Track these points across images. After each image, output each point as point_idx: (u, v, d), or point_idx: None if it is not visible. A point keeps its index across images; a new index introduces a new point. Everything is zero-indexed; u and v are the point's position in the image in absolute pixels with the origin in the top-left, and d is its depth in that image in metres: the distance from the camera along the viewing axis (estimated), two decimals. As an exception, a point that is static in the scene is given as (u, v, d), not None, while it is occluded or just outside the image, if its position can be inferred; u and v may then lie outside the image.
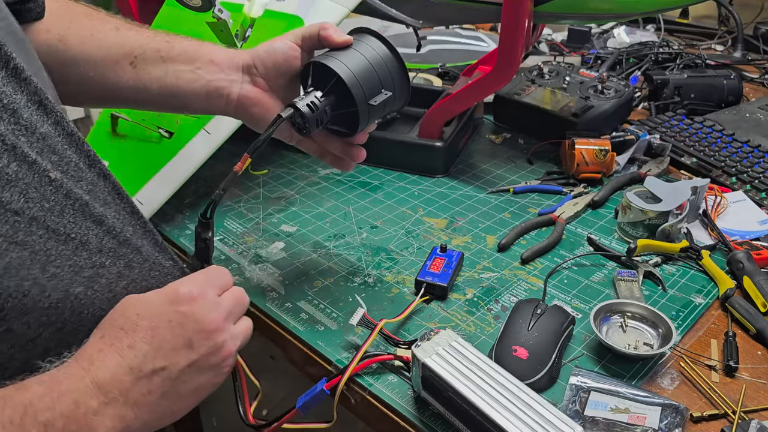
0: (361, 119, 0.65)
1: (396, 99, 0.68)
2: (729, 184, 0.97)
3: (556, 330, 0.66)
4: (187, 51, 0.66)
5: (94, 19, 0.67)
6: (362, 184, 1.00)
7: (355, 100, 0.63)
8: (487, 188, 0.99)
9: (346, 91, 0.63)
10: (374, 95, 0.65)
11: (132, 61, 0.66)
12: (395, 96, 0.67)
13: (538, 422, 0.51)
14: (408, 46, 1.51)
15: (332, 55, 0.64)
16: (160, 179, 0.87)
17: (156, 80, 0.66)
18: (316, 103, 0.63)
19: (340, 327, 0.71)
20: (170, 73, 0.66)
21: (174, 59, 0.66)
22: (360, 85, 0.64)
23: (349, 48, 0.65)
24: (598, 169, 0.98)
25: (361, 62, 0.64)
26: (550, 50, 1.55)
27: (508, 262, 0.82)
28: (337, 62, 0.63)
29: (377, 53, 0.66)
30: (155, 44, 0.66)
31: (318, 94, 0.64)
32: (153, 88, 0.66)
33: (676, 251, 0.81)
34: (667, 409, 0.59)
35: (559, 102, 1.12)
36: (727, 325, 0.71)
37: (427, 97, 1.14)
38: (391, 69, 0.66)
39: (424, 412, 0.61)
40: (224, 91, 0.66)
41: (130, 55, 0.65)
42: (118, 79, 0.66)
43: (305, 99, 0.63)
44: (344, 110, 0.65)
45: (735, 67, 1.40)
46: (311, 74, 0.65)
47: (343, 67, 0.63)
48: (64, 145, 0.49)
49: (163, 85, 0.66)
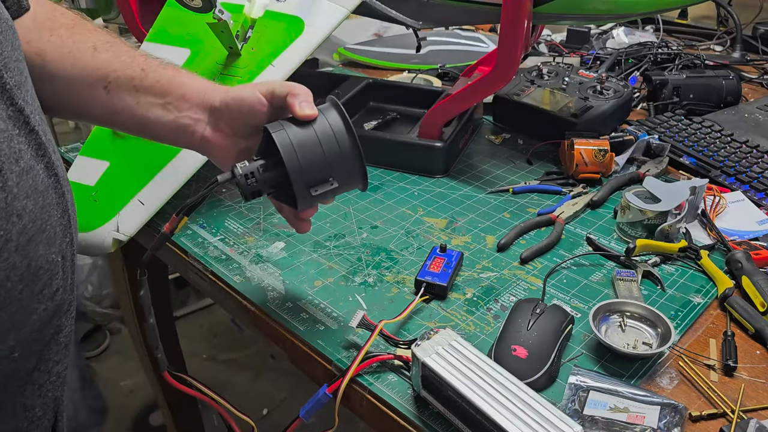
0: (299, 203, 0.63)
1: (343, 187, 0.64)
2: (728, 184, 0.97)
3: (556, 329, 0.66)
4: (161, 82, 0.66)
5: (75, 34, 0.66)
6: (362, 185, 1.00)
7: (293, 186, 0.61)
8: (486, 188, 0.99)
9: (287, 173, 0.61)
10: (318, 183, 0.62)
11: (106, 86, 0.65)
12: (342, 185, 0.63)
13: (537, 421, 0.52)
14: (408, 47, 1.52)
15: (287, 128, 0.61)
16: (161, 179, 0.87)
17: (127, 108, 0.66)
18: (256, 174, 0.62)
19: (341, 326, 0.71)
20: (141, 103, 0.66)
21: (146, 90, 0.66)
22: (301, 171, 0.60)
23: (308, 123, 0.62)
24: (597, 170, 0.99)
25: (312, 144, 0.61)
26: (549, 51, 1.55)
27: (507, 262, 0.82)
28: (286, 140, 0.60)
29: (334, 134, 0.61)
30: (130, 71, 0.66)
31: (262, 165, 0.62)
32: (124, 115, 0.66)
33: (674, 251, 0.81)
34: (666, 409, 0.59)
35: (558, 102, 1.12)
36: (726, 325, 0.71)
37: (427, 98, 1.14)
38: (345, 154, 0.62)
39: (424, 412, 0.61)
40: (189, 129, 0.67)
41: (104, 79, 0.65)
42: (91, 101, 0.66)
43: (247, 167, 0.62)
44: (286, 187, 0.62)
45: (734, 68, 1.40)
46: (264, 140, 0.63)
47: (290, 147, 0.60)
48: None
49: (133, 115, 0.66)
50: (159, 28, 0.95)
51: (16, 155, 0.45)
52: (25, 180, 0.46)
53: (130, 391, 1.90)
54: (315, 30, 0.91)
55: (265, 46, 0.91)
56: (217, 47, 0.90)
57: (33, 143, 0.48)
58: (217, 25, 0.85)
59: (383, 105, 1.22)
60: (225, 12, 0.84)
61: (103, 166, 0.89)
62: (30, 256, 0.47)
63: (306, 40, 0.90)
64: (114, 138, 0.91)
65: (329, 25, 0.92)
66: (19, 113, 0.47)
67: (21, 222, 0.45)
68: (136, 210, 0.86)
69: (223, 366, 1.96)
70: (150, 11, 1.05)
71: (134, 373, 1.90)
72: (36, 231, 0.47)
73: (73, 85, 0.66)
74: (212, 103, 0.66)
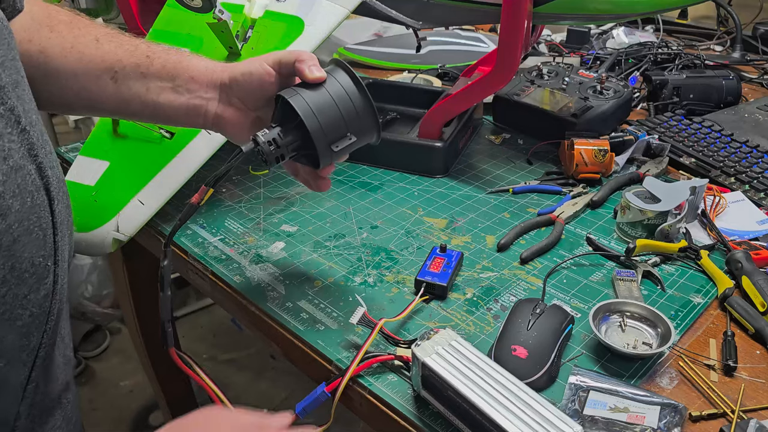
0: (321, 161, 0.66)
1: (361, 141, 0.67)
2: (728, 184, 0.97)
3: (556, 329, 0.66)
4: (167, 66, 0.67)
5: (74, 29, 0.67)
6: (362, 184, 1.00)
7: (315, 145, 0.64)
8: (486, 188, 0.99)
9: (308, 134, 0.63)
10: (338, 139, 0.65)
11: (113, 75, 0.66)
12: (360, 139, 0.67)
13: (537, 421, 0.52)
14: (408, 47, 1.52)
15: (300, 93, 0.64)
16: (161, 179, 0.87)
17: (137, 96, 0.67)
18: (277, 140, 0.64)
19: (341, 326, 0.71)
20: (151, 89, 0.67)
21: (154, 75, 0.67)
22: (322, 130, 0.64)
23: (319, 86, 0.64)
24: (597, 170, 0.99)
25: (328, 104, 0.64)
26: (549, 51, 1.55)
27: (507, 262, 0.82)
28: (303, 103, 0.63)
29: (346, 93, 0.65)
30: (135, 59, 0.67)
31: (281, 131, 0.64)
32: (134, 103, 0.67)
33: (674, 251, 0.81)
34: (666, 409, 0.59)
35: (558, 102, 1.12)
36: (726, 325, 0.71)
37: (427, 98, 1.14)
38: (359, 110, 0.65)
39: (423, 412, 0.61)
40: (202, 109, 0.68)
41: (110, 70, 0.66)
42: (100, 92, 0.66)
43: (268, 134, 0.64)
44: (307, 149, 0.65)
45: (734, 68, 1.40)
46: (279, 107, 0.66)
47: (308, 110, 0.63)
48: None
49: (144, 101, 0.67)
50: (159, 28, 0.95)
51: (4, 153, 0.45)
52: (12, 179, 0.45)
53: (130, 391, 1.90)
54: (315, 30, 0.91)
55: (265, 46, 0.91)
56: (217, 47, 0.90)
57: (24, 143, 0.48)
58: (217, 25, 0.85)
59: (383, 105, 1.22)
60: (225, 12, 0.84)
61: (103, 166, 0.89)
62: (15, 258, 0.46)
63: (306, 40, 0.90)
64: (114, 138, 0.91)
65: (329, 25, 0.92)
66: (10, 112, 0.47)
67: (5, 222, 0.44)
68: (136, 210, 0.86)
69: (223, 366, 1.95)
70: (150, 11, 1.04)
71: (134, 373, 1.90)
72: (22, 232, 0.46)
73: (80, 78, 0.66)
74: (222, 81, 0.67)
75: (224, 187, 0.98)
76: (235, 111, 0.68)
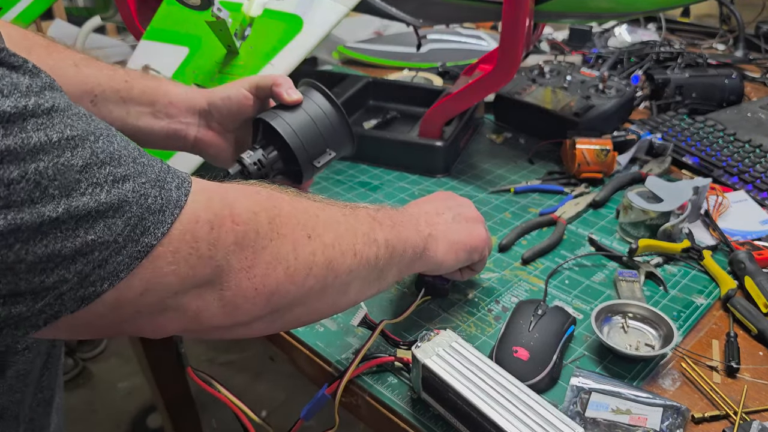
0: (305, 176, 0.72)
1: (339, 154, 0.73)
2: (730, 184, 0.96)
3: (557, 331, 0.65)
4: (146, 92, 0.69)
5: (53, 53, 0.67)
6: (362, 184, 0.99)
7: (299, 162, 0.70)
8: (487, 188, 0.98)
9: (291, 153, 0.69)
10: (318, 155, 0.71)
11: (92, 99, 0.67)
12: (338, 153, 0.73)
13: (539, 423, 0.51)
14: (408, 45, 1.51)
15: (281, 115, 0.69)
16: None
17: (117, 119, 0.68)
18: (262, 161, 0.69)
19: (340, 328, 0.71)
20: (131, 113, 0.68)
21: (134, 100, 0.68)
22: (304, 148, 0.69)
23: (297, 107, 0.70)
24: (600, 169, 0.98)
25: (307, 124, 0.69)
26: (551, 49, 1.55)
27: (508, 263, 0.81)
28: (285, 125, 0.68)
29: (322, 111, 0.71)
30: (115, 84, 0.68)
31: (265, 152, 0.70)
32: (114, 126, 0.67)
33: (677, 251, 0.81)
34: (669, 410, 0.58)
35: (560, 101, 1.11)
36: (729, 326, 0.70)
37: (428, 97, 1.14)
38: (335, 126, 0.71)
39: (424, 414, 0.60)
40: (182, 133, 0.71)
41: (90, 93, 0.67)
42: None
43: (253, 155, 0.69)
44: (289, 166, 0.71)
45: (736, 67, 1.40)
46: (261, 129, 0.70)
47: (290, 131, 0.68)
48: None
49: (125, 125, 0.68)
50: (157, 26, 0.95)
51: None
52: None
53: (128, 393, 1.89)
54: (314, 28, 0.90)
55: (263, 44, 0.90)
56: (215, 45, 0.90)
57: None
58: (215, 24, 0.84)
59: (383, 104, 1.22)
60: (223, 10, 0.83)
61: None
62: None
63: (305, 38, 0.90)
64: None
65: (328, 23, 0.91)
66: None
67: None
68: (134, 209, 0.85)
69: (223, 368, 1.95)
70: (148, 9, 1.04)
71: (132, 374, 1.90)
72: None
73: None
74: (201, 106, 0.71)
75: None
76: (214, 134, 0.72)
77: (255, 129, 0.72)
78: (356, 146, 0.75)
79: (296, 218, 0.49)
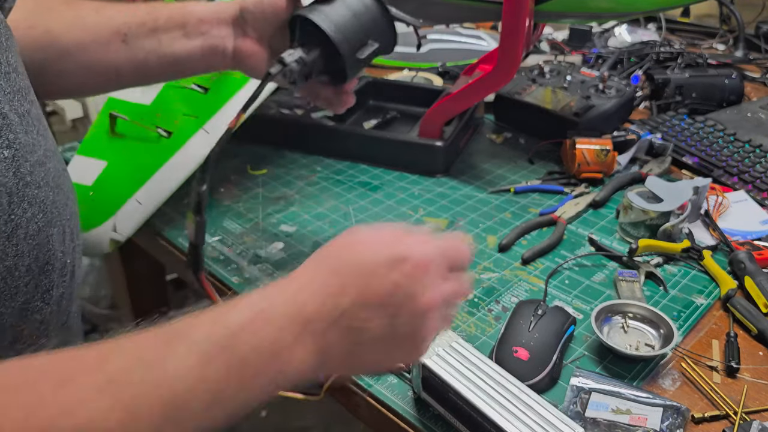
0: (348, 72, 0.67)
1: (381, 46, 0.68)
2: (730, 184, 0.96)
3: (557, 331, 0.65)
4: (174, 17, 0.66)
5: (71, 5, 0.66)
6: (362, 184, 0.99)
7: (342, 56, 0.64)
8: (487, 188, 0.98)
9: (333, 47, 0.64)
10: (360, 47, 0.66)
11: (123, 38, 0.65)
12: (381, 45, 0.68)
13: (539, 423, 0.51)
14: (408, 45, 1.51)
15: (318, 9, 0.64)
16: (158, 179, 0.86)
17: (152, 52, 0.66)
18: (304, 58, 0.63)
19: (340, 327, 0.71)
20: (163, 42, 0.66)
21: (163, 28, 0.66)
22: (346, 40, 0.64)
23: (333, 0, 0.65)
24: (600, 169, 0.98)
25: (346, 15, 0.65)
26: (551, 49, 1.54)
27: (508, 263, 0.81)
28: (323, 17, 0.64)
29: (361, 2, 0.66)
30: (140, 18, 0.66)
31: (305, 49, 0.64)
32: (151, 60, 0.66)
33: (677, 251, 0.81)
34: (669, 410, 0.58)
35: (560, 101, 1.11)
36: (729, 326, 0.70)
37: (428, 97, 1.13)
38: (375, 16, 0.66)
39: (424, 414, 0.61)
40: (219, 48, 0.67)
41: (119, 33, 0.65)
42: (115, 59, 0.66)
43: (293, 54, 0.63)
44: (332, 64, 0.66)
45: (736, 67, 1.39)
46: (298, 27, 0.66)
47: (329, 23, 0.64)
48: None
49: (161, 56, 0.66)
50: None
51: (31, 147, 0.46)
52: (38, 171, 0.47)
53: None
54: None
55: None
56: None
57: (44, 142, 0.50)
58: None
59: (383, 104, 1.22)
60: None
61: (100, 166, 0.88)
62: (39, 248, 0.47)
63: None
64: (111, 137, 0.90)
65: None
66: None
67: (31, 209, 0.45)
68: (134, 210, 0.85)
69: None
70: None
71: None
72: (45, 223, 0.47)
73: (90, 49, 0.65)
74: (233, 15, 0.67)
75: (222, 186, 0.98)
76: (252, 42, 0.67)
77: (292, 29, 0.67)
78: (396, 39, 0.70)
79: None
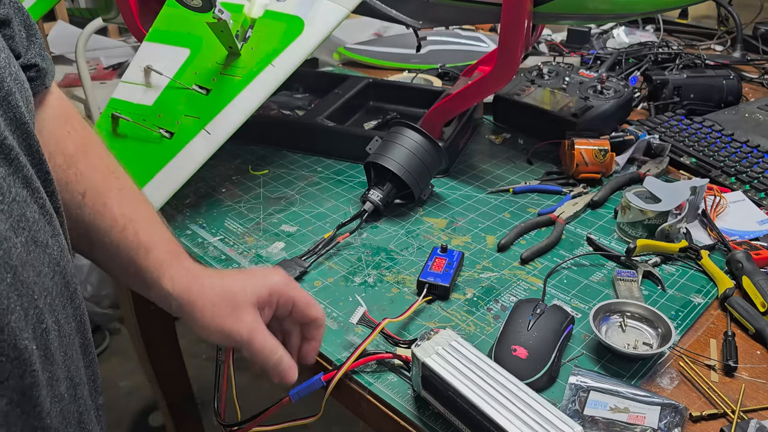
0: (416, 195, 0.91)
1: (434, 173, 0.94)
2: (728, 184, 0.97)
3: (556, 330, 0.66)
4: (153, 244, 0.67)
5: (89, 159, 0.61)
6: (362, 184, 1.00)
7: (410, 186, 0.89)
8: (486, 188, 0.99)
9: (401, 181, 0.88)
10: (419, 173, 0.90)
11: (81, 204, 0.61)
12: (433, 172, 0.93)
13: (537, 422, 0.51)
14: (408, 47, 1.52)
15: (386, 155, 0.89)
16: (160, 179, 0.87)
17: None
18: (383, 198, 0.89)
19: (341, 327, 0.71)
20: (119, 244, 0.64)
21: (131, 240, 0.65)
22: (410, 174, 0.88)
23: (394, 144, 0.89)
24: (598, 170, 0.98)
25: (413, 160, 0.89)
26: (549, 51, 1.55)
27: (507, 262, 0.82)
28: (393, 162, 0.88)
29: (415, 142, 0.89)
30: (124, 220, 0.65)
31: (383, 188, 0.89)
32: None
33: (675, 251, 0.81)
34: (667, 409, 0.59)
35: (558, 102, 1.12)
36: (727, 325, 0.71)
37: (427, 98, 1.14)
38: (428, 148, 0.90)
39: (424, 412, 0.61)
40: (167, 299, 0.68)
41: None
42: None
43: (379, 194, 0.89)
44: (402, 192, 0.91)
45: (734, 68, 1.40)
46: (372, 171, 0.91)
47: (395, 164, 0.88)
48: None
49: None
50: (158, 28, 0.95)
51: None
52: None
53: (130, 392, 1.90)
54: (315, 30, 0.90)
55: (264, 45, 0.90)
56: (216, 47, 0.90)
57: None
58: (216, 25, 0.84)
59: (383, 105, 1.22)
60: (225, 11, 0.83)
61: (102, 166, 0.88)
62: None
63: (306, 39, 0.90)
64: (113, 138, 0.91)
65: (329, 24, 0.91)
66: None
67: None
68: (136, 210, 0.85)
69: (223, 366, 1.95)
70: (150, 11, 1.04)
71: (134, 373, 1.90)
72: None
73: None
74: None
75: (224, 186, 0.98)
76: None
77: (367, 171, 0.91)
78: (446, 159, 0.94)
79: None
